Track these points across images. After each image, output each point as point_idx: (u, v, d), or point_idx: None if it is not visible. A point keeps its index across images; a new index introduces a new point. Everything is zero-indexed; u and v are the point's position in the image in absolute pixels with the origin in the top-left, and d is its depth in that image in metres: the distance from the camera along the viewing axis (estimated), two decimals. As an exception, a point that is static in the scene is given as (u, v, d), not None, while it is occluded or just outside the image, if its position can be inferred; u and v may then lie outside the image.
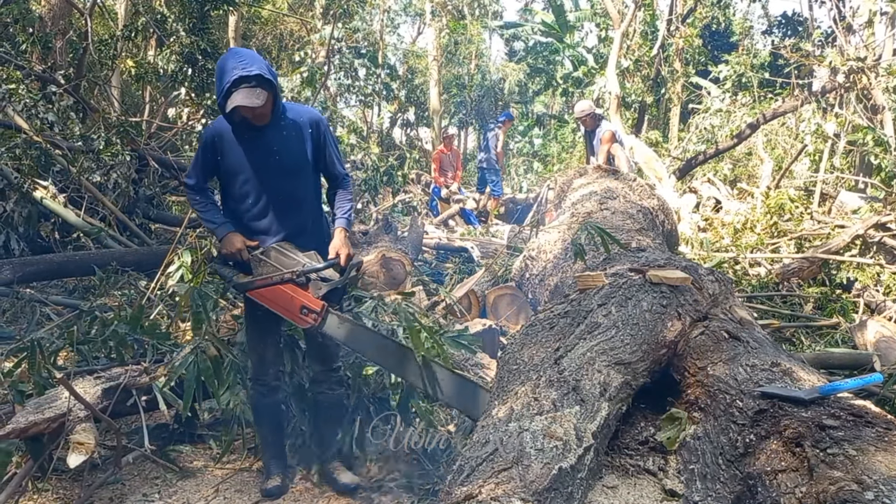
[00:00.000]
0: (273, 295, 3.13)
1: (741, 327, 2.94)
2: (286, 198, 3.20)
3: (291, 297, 3.10)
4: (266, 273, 3.13)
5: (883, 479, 1.82)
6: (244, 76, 2.89)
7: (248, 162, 3.11)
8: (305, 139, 3.19)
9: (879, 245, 6.66)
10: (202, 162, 3.18)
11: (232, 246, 3.13)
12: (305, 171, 3.23)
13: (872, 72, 9.94)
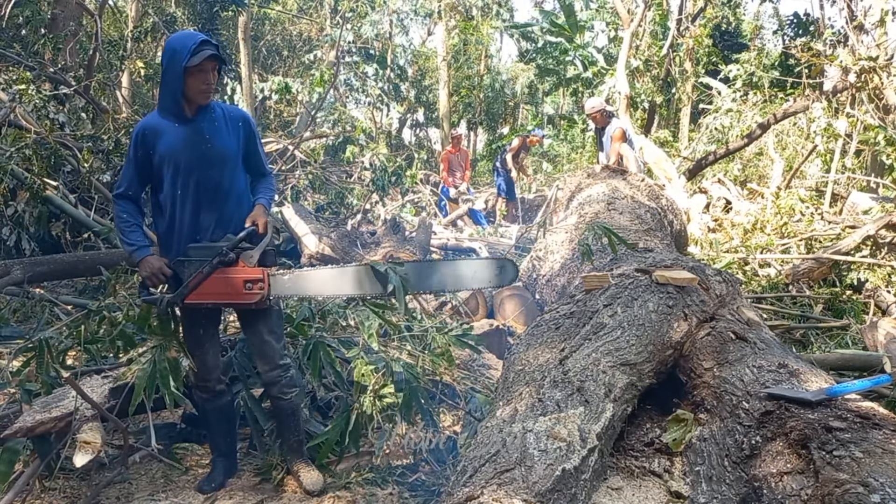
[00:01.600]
0: (211, 287, 3.09)
1: (748, 328, 2.92)
2: (216, 186, 3.17)
3: (229, 279, 3.08)
4: (193, 271, 3.07)
5: (889, 481, 1.80)
6: (208, 40, 3.01)
7: (180, 150, 3.08)
8: (236, 131, 3.23)
9: (891, 246, 6.60)
10: (134, 162, 3.12)
11: (151, 266, 3.09)
12: (235, 161, 3.24)
13: (884, 71, 9.85)
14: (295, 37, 19.19)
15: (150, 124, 3.08)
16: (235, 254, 3.07)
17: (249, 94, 10.50)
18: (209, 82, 3.02)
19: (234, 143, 3.21)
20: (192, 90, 3.00)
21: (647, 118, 15.47)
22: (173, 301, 3.11)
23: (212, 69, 3.00)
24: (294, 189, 9.93)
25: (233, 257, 3.07)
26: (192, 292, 3.08)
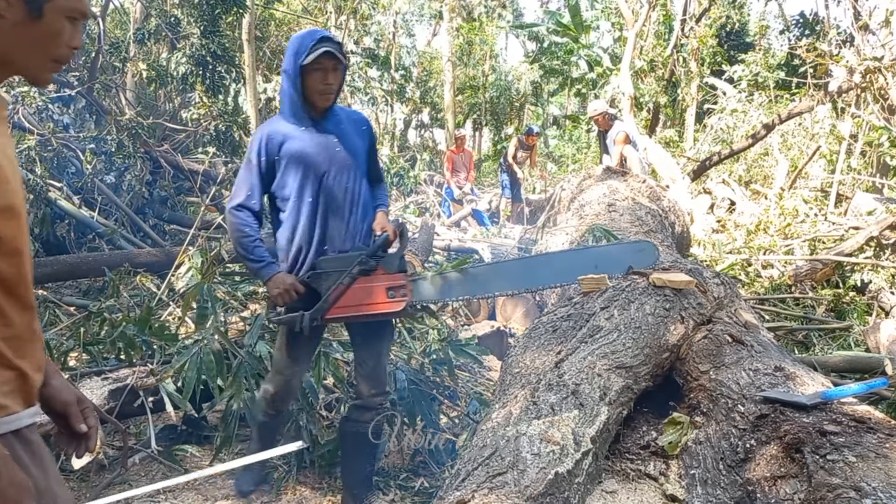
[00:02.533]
0: (353, 298, 2.89)
1: (746, 331, 2.92)
2: (345, 193, 2.96)
3: (372, 288, 2.90)
4: (331, 284, 2.86)
5: (882, 486, 1.80)
6: (329, 37, 2.81)
7: (309, 154, 2.88)
8: (361, 135, 3.06)
9: (894, 247, 6.58)
10: (257, 170, 2.89)
11: (283, 283, 2.86)
12: (362, 166, 3.06)
13: (889, 71, 9.80)
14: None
15: (273, 129, 2.89)
16: (374, 261, 2.90)
17: (254, 95, 10.52)
18: (328, 82, 2.83)
19: (361, 147, 3.05)
20: (310, 91, 2.82)
21: (652, 119, 15.45)
22: (314, 317, 2.89)
23: (331, 68, 2.80)
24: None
25: (373, 264, 2.90)
26: (332, 306, 2.89)
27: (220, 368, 3.39)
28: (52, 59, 1.38)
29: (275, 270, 2.88)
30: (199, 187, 6.70)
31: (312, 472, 3.69)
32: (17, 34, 1.31)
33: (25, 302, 1.37)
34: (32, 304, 1.39)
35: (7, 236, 1.29)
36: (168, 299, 5.15)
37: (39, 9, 1.30)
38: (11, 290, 1.33)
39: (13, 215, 1.30)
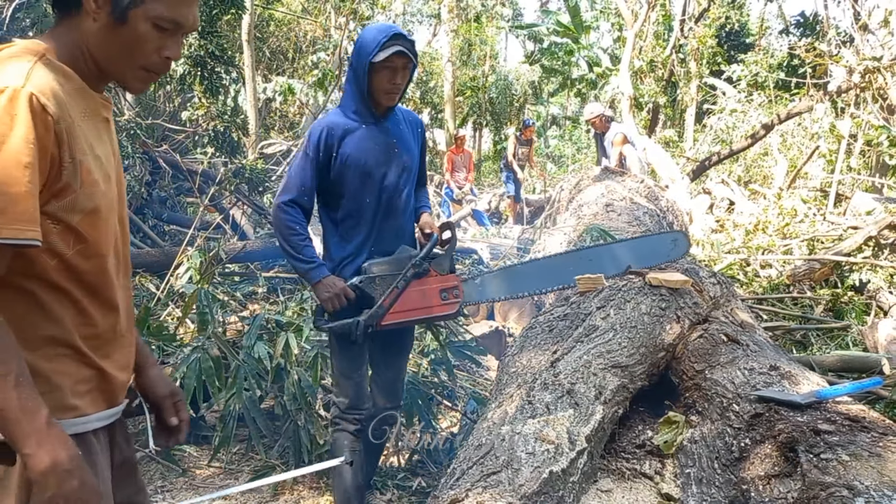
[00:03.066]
0: (409, 302, 2.76)
1: (741, 330, 2.93)
2: (400, 194, 2.84)
3: (426, 290, 2.79)
4: (385, 289, 2.72)
5: (874, 485, 1.80)
6: (402, 34, 2.66)
7: (371, 153, 2.74)
8: (416, 137, 2.95)
9: (893, 247, 6.58)
10: (314, 165, 2.71)
11: (333, 286, 2.68)
12: (415, 168, 2.95)
13: (888, 71, 9.82)
14: (301, 38, 19.25)
15: (334, 123, 2.73)
16: (428, 263, 2.80)
17: (253, 96, 10.54)
18: (396, 82, 2.70)
19: (416, 149, 2.94)
20: (377, 89, 2.69)
21: (651, 119, 15.46)
22: (370, 324, 2.73)
23: (401, 67, 2.68)
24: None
25: (426, 267, 2.80)
26: (388, 311, 2.75)
27: (219, 373, 3.40)
28: (141, 66, 1.37)
29: (325, 273, 2.70)
30: (199, 187, 6.71)
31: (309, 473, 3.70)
32: (105, 38, 1.31)
33: (111, 303, 1.40)
34: (117, 305, 1.42)
35: (91, 238, 1.32)
36: (167, 299, 5.16)
37: (123, 15, 1.29)
38: (95, 290, 1.36)
39: (99, 218, 1.33)
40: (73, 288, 1.32)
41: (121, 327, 1.44)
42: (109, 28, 1.30)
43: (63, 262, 1.29)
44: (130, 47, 1.33)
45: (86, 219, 1.30)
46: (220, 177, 6.72)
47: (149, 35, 1.32)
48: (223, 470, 3.80)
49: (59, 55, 1.31)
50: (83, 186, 1.28)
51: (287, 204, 2.69)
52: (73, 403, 1.33)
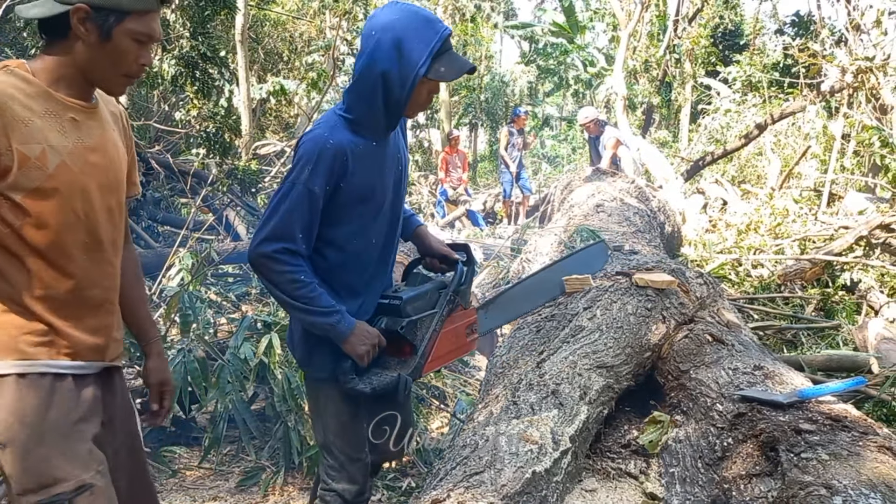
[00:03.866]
0: (444, 345, 2.32)
1: (727, 330, 2.94)
2: (395, 226, 2.32)
3: (457, 329, 2.36)
4: (424, 332, 2.23)
5: (852, 484, 1.82)
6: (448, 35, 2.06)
7: (380, 176, 2.16)
8: (405, 147, 2.36)
9: (884, 246, 6.60)
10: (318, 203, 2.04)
11: (369, 336, 2.14)
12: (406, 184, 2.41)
13: (881, 71, 9.85)
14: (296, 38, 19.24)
15: (347, 143, 2.04)
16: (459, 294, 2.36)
17: (247, 96, 10.54)
18: (436, 93, 2.21)
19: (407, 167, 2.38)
20: (412, 104, 2.09)
21: (645, 119, 15.50)
22: (415, 377, 2.23)
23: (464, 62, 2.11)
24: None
25: (457, 301, 2.36)
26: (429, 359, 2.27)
27: (205, 374, 3.41)
28: (123, 74, 1.70)
29: (352, 320, 2.11)
30: (191, 188, 6.72)
31: (300, 473, 3.71)
32: (92, 54, 1.63)
33: (64, 271, 1.67)
34: (73, 274, 1.68)
35: (35, 212, 1.60)
36: (160, 301, 5.16)
37: (109, 34, 1.62)
38: (46, 258, 1.64)
39: (43, 196, 1.60)
40: (24, 254, 1.62)
41: (85, 295, 1.72)
42: (97, 45, 1.62)
43: (14, 231, 1.59)
44: (115, 59, 1.65)
45: (28, 197, 1.58)
46: (212, 178, 6.72)
47: (129, 48, 1.65)
48: (213, 471, 3.81)
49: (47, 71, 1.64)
50: (21, 169, 1.56)
51: (280, 253, 2.01)
52: (20, 348, 1.63)
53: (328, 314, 2.07)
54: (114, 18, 1.61)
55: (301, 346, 2.26)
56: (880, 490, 1.78)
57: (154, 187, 8.13)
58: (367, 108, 2.06)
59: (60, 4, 1.59)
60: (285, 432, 3.67)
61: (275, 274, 2.06)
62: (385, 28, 1.99)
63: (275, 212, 2.03)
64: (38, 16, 1.61)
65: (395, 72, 2.00)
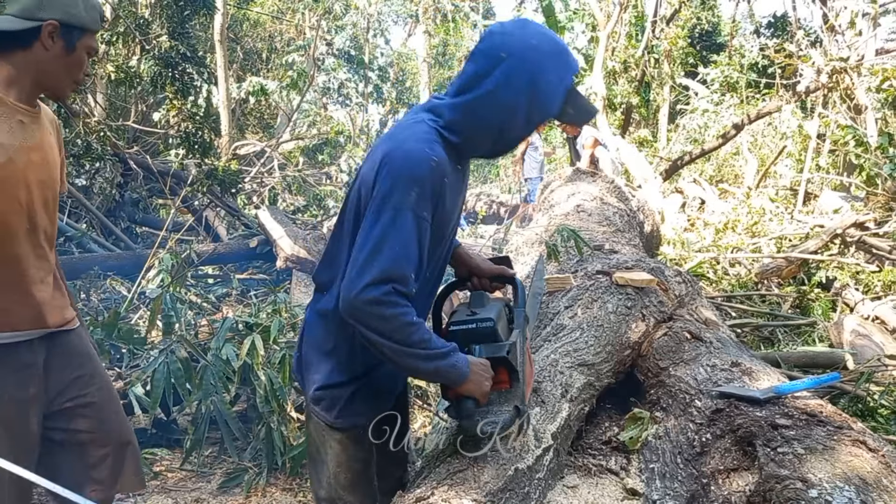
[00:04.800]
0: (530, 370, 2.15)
1: (705, 328, 2.98)
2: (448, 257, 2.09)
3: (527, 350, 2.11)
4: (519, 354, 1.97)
5: (827, 477, 1.86)
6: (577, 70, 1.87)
7: (455, 207, 1.91)
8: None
9: (858, 244, 6.71)
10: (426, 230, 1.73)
11: (486, 369, 1.87)
12: None
13: (855, 71, 10.01)
14: (276, 38, 19.17)
15: (445, 163, 1.76)
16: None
17: (227, 97, 10.48)
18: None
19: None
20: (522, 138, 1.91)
21: (624, 119, 15.61)
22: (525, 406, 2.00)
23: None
24: (272, 191, 9.95)
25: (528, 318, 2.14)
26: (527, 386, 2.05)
27: (188, 375, 3.39)
28: (74, 80, 2.03)
29: (465, 357, 1.82)
30: (170, 189, 6.67)
31: (283, 474, 3.70)
32: (54, 63, 1.94)
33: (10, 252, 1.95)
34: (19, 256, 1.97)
35: None
36: (140, 302, 5.13)
37: (73, 46, 1.95)
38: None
39: None
40: None
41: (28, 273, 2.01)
42: (60, 56, 1.94)
43: None
44: (73, 68, 1.99)
45: None
46: (191, 178, 6.68)
47: (83, 60, 2.00)
48: (195, 473, 3.80)
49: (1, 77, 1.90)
50: None
51: (390, 294, 1.65)
52: None
53: (447, 355, 1.77)
54: (77, 34, 1.94)
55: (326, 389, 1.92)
56: (854, 483, 1.82)
57: (132, 188, 8.07)
58: (477, 133, 1.80)
59: (29, 21, 1.88)
60: (268, 433, 3.67)
61: (385, 321, 1.67)
62: (520, 55, 1.72)
63: (380, 246, 1.65)
64: (9, 28, 1.87)
65: (523, 107, 1.74)
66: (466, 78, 1.79)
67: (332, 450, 1.99)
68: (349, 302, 1.67)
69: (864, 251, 6.79)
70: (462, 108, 1.78)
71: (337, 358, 1.89)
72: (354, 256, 1.70)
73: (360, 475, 2.02)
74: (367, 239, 1.68)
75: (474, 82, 1.76)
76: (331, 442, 1.98)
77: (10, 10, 1.90)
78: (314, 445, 2.05)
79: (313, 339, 1.97)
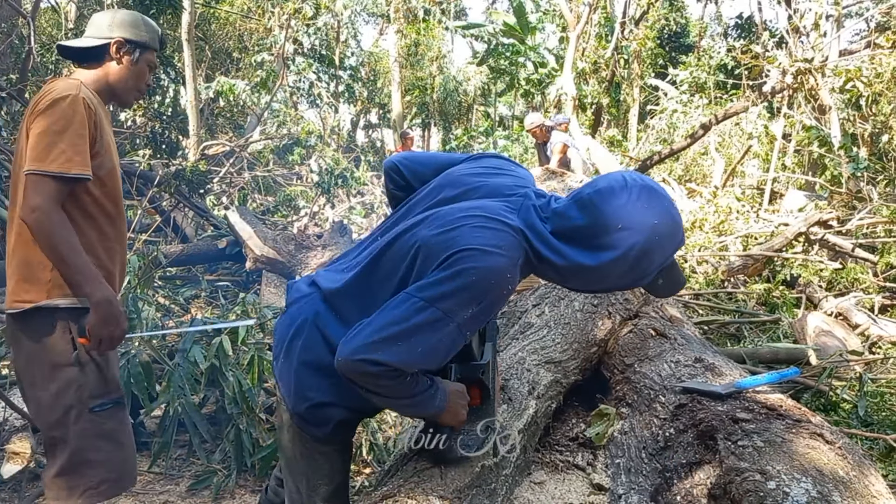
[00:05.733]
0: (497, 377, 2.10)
1: (670, 325, 3.03)
2: None
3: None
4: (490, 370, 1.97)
5: (785, 469, 1.90)
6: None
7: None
8: None
9: (822, 242, 6.85)
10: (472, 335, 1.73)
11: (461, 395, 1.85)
12: None
13: (819, 72, 10.21)
14: (245, 37, 19.01)
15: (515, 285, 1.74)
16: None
17: (195, 96, 10.37)
18: None
19: None
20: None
21: (595, 119, 15.74)
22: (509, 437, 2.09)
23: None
24: (242, 192, 9.87)
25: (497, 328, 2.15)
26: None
27: (150, 379, 3.36)
28: (138, 90, 2.45)
29: (444, 390, 1.80)
30: (137, 189, 6.58)
31: (252, 476, 3.68)
32: (124, 74, 2.36)
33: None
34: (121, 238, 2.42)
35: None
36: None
37: (138, 60, 2.37)
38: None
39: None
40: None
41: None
42: (128, 68, 2.36)
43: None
44: (138, 79, 2.40)
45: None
46: (158, 178, 6.60)
47: (145, 72, 2.42)
48: (164, 476, 3.75)
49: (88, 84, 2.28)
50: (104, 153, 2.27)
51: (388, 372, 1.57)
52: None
53: (433, 395, 1.74)
54: (140, 50, 2.36)
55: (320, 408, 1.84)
56: (811, 475, 1.86)
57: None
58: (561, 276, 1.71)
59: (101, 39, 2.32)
60: (237, 435, 3.64)
61: (378, 386, 1.62)
62: (640, 231, 1.59)
63: (405, 336, 1.54)
64: (88, 45, 2.31)
65: (624, 275, 1.65)
66: (571, 226, 1.65)
67: (315, 462, 1.92)
68: (346, 361, 1.57)
69: (827, 249, 6.93)
70: (561, 252, 1.64)
71: (338, 380, 1.70)
72: (376, 321, 1.57)
73: (340, 485, 1.99)
74: (399, 317, 1.55)
75: (577, 236, 1.64)
76: (315, 454, 1.91)
77: (87, 32, 2.35)
78: (293, 455, 1.95)
79: (313, 354, 1.82)
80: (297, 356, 1.83)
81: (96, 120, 2.19)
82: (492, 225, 1.61)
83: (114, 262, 2.36)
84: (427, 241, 1.62)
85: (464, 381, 1.88)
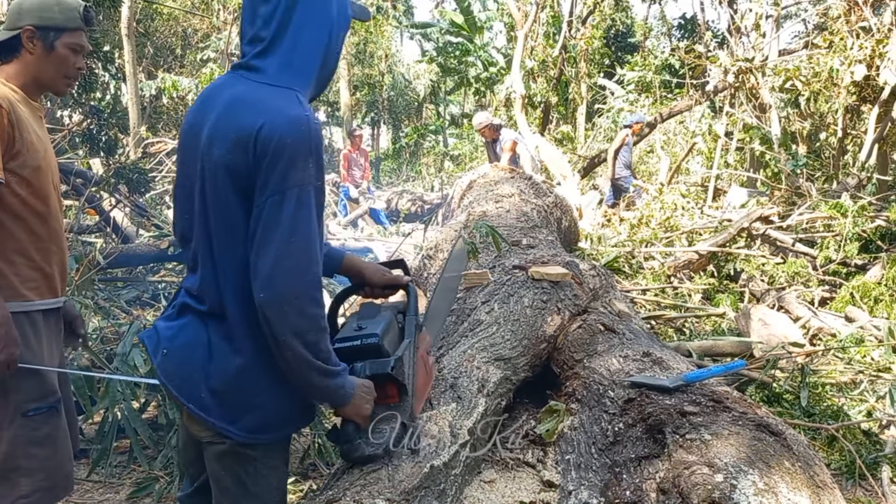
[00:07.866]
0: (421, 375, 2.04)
1: (619, 319, 3.04)
2: None
3: (422, 354, 2.05)
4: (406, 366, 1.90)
5: (732, 461, 1.91)
6: None
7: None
8: None
9: (764, 237, 7.01)
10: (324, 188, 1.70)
11: (369, 390, 1.77)
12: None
13: (759, 71, 10.46)
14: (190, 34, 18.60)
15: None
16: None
17: (135, 93, 10.08)
18: None
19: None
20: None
21: (543, 117, 15.87)
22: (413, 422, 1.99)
23: None
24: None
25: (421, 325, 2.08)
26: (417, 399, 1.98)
27: (90, 384, 3.23)
28: (65, 76, 2.29)
29: (353, 381, 1.72)
30: (74, 188, 6.35)
31: (196, 481, 3.58)
32: (40, 63, 2.23)
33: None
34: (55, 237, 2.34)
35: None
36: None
37: (52, 46, 2.22)
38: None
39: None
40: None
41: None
42: (44, 57, 2.22)
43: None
44: (59, 66, 2.25)
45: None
46: (95, 177, 6.38)
47: (67, 56, 2.25)
48: (103, 483, 3.63)
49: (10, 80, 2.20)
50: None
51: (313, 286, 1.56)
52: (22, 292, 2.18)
53: (338, 374, 1.65)
54: (54, 34, 2.20)
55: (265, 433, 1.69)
56: (758, 466, 1.88)
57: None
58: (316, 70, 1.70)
59: (12, 31, 2.18)
60: (179, 441, 3.53)
61: (306, 320, 1.53)
62: None
63: (294, 230, 1.48)
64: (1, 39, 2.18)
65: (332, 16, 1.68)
66: (265, 21, 1.63)
67: (261, 474, 1.74)
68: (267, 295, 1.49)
69: (769, 244, 7.10)
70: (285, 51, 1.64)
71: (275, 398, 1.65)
72: (264, 251, 1.50)
73: (284, 494, 1.87)
74: (275, 228, 1.49)
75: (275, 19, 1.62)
76: (260, 465, 1.73)
77: (3, 26, 2.25)
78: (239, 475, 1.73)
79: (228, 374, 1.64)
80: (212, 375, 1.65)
81: (12, 119, 2.10)
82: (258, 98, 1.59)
83: (50, 264, 2.27)
84: (220, 160, 1.54)
85: (374, 377, 1.80)
